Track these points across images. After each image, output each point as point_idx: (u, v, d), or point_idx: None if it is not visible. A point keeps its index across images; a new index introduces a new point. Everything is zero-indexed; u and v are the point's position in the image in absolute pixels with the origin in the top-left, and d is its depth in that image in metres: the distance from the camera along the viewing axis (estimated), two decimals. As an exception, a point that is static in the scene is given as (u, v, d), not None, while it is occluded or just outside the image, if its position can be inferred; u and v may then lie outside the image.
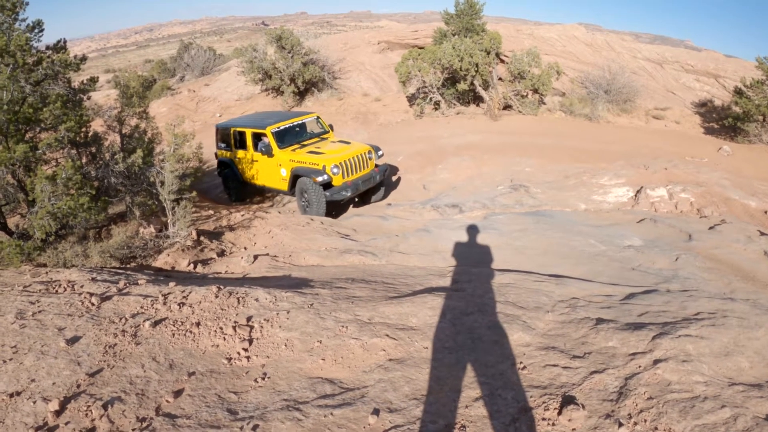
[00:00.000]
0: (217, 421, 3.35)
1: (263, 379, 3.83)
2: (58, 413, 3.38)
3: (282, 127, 12.81)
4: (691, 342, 4.01)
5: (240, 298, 5.12)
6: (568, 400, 3.37)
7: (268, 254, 8.15)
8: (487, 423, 3.27)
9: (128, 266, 7.61)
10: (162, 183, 8.56)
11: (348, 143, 13.02)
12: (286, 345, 4.28)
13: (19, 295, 5.26)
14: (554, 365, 3.87)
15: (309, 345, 4.27)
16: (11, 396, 3.54)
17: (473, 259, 7.81)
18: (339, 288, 5.72)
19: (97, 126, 9.23)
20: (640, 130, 19.10)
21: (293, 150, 12.41)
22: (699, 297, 5.31)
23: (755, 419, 3.15)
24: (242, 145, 13.41)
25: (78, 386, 3.67)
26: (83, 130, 8.43)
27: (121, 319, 4.68)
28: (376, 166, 12.95)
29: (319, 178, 11.34)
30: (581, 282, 6.06)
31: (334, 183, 11.76)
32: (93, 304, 4.99)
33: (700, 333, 4.18)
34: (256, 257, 7.87)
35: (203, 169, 14.01)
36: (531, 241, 8.48)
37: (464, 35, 23.05)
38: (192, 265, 7.70)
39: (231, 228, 9.73)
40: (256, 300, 5.11)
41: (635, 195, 11.61)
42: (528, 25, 35.43)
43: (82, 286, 5.61)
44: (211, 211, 11.00)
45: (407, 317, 4.73)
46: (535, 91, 20.69)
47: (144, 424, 3.32)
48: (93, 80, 8.79)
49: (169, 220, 8.68)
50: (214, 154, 14.56)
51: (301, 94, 25.48)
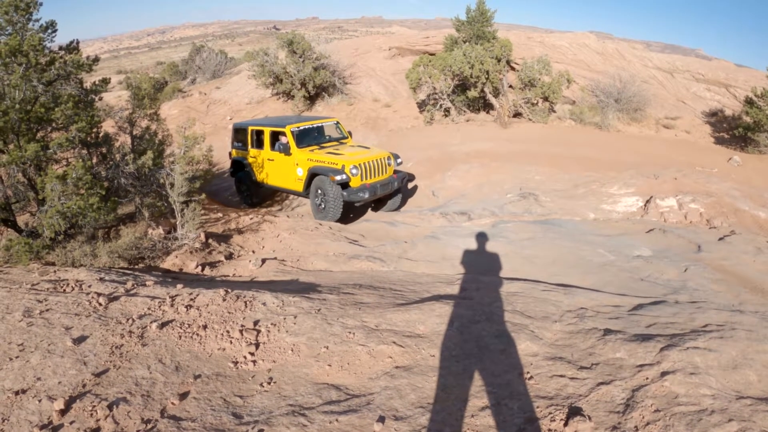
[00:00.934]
0: (222, 424, 3.35)
1: (269, 383, 3.83)
2: (63, 412, 3.38)
3: (301, 128, 12.73)
4: (699, 354, 3.99)
5: (247, 302, 5.12)
6: (574, 412, 3.36)
7: (276, 258, 8.16)
8: (493, 432, 3.26)
9: (136, 267, 7.63)
10: (171, 185, 8.59)
11: (368, 148, 12.88)
12: (292, 350, 4.28)
13: (27, 293, 5.28)
14: (561, 376, 3.85)
15: (316, 350, 4.26)
16: (17, 394, 3.56)
17: (481, 267, 7.79)
18: (346, 294, 5.71)
19: (108, 127, 9.27)
20: (650, 139, 19.05)
21: (311, 150, 12.26)
22: (707, 309, 5.28)
23: (763, 433, 3.13)
24: (259, 145, 13.29)
25: (84, 386, 3.68)
26: (94, 130, 8.45)
27: (128, 319, 4.69)
28: (395, 172, 12.69)
29: (338, 177, 11.09)
30: (589, 292, 6.04)
31: (351, 184, 11.47)
32: (100, 304, 5.01)
33: (709, 345, 4.15)
34: (264, 261, 7.88)
35: (213, 171, 14.00)
36: (539, 250, 8.46)
37: (475, 42, 23.02)
38: (200, 268, 7.71)
39: (239, 231, 9.75)
40: (264, 304, 5.11)
41: (645, 205, 11.57)
42: (539, 32, 35.38)
43: (89, 286, 5.63)
44: (219, 214, 11.03)
45: (414, 324, 4.72)
46: (546, 99, 20.69)
47: (149, 426, 3.32)
48: (105, 81, 8.83)
49: (177, 222, 8.71)
50: (228, 154, 14.54)
51: (312, 99, 25.52)
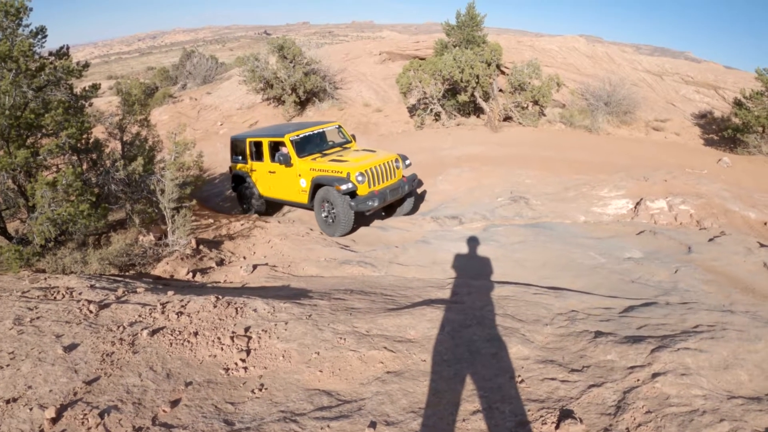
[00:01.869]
0: (214, 431, 3.34)
1: (260, 390, 3.82)
2: (54, 421, 3.36)
3: (301, 136, 12.07)
4: (690, 355, 4.00)
5: (238, 308, 5.11)
6: (566, 414, 3.36)
7: (267, 264, 8.16)
8: (484, 437, 3.26)
9: (127, 274, 7.61)
10: (162, 191, 8.58)
11: (373, 151, 12.21)
12: (283, 356, 4.27)
13: (17, 300, 5.25)
14: (552, 379, 3.86)
15: (307, 356, 4.26)
16: (8, 402, 3.53)
17: (472, 271, 7.80)
18: (337, 299, 5.71)
19: (98, 133, 9.26)
20: (640, 141, 19.15)
21: (313, 159, 11.59)
22: (698, 309, 5.30)
23: (754, 433, 3.15)
24: (258, 157, 12.67)
25: (75, 394, 3.66)
26: (84, 136, 8.45)
27: (119, 327, 4.67)
28: (404, 176, 12.06)
29: (343, 187, 10.35)
30: (580, 294, 6.06)
31: (359, 192, 10.75)
32: (91, 312, 4.99)
33: (700, 346, 4.17)
34: (255, 267, 7.87)
35: (204, 177, 13.97)
36: (530, 253, 8.48)
37: (465, 47, 23.08)
38: (191, 274, 7.70)
39: (230, 237, 9.74)
40: (255, 310, 5.10)
41: (635, 207, 11.61)
42: (529, 36, 35.55)
43: (80, 293, 5.61)
44: (210, 220, 11.00)
45: (406, 329, 4.72)
46: (536, 102, 20.77)
47: (140, 434, 3.31)
48: (95, 87, 8.83)
49: (168, 229, 8.70)
50: (229, 168, 14.02)
51: (302, 104, 25.51)
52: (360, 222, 11.46)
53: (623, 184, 12.44)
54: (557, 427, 3.26)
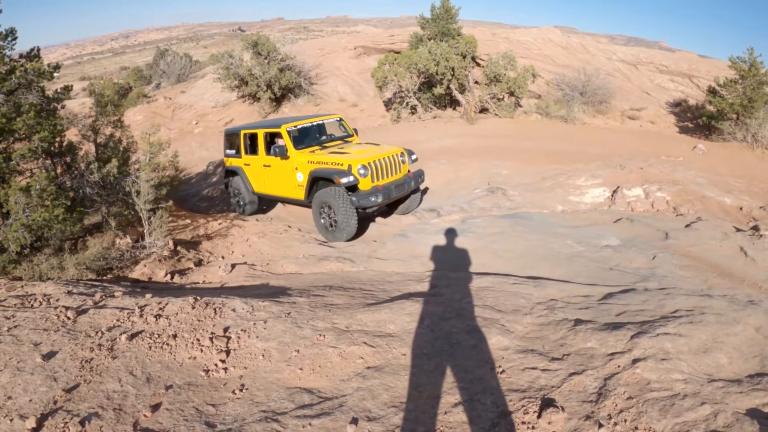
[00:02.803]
0: (195, 434, 3.30)
1: (241, 390, 3.78)
2: (35, 430, 3.32)
3: (299, 126, 11.25)
4: (669, 340, 4.03)
5: (217, 309, 5.06)
6: (547, 403, 3.36)
7: (245, 263, 8.09)
8: (466, 429, 3.26)
9: (105, 278, 7.51)
10: (138, 192, 8.47)
11: (377, 145, 11.23)
12: (263, 355, 4.23)
13: (-8, 309, 5.16)
14: (533, 368, 3.86)
15: (287, 355, 4.22)
16: (-13, 414, 3.47)
17: (451, 263, 7.80)
18: (316, 296, 5.68)
19: (71, 135, 9.11)
20: (616, 130, 19.28)
21: (312, 152, 10.68)
22: (677, 295, 5.35)
23: (735, 414, 3.18)
24: (253, 150, 11.92)
25: (55, 402, 3.61)
26: (58, 139, 8.30)
27: (97, 332, 4.61)
28: (410, 171, 11.14)
29: (344, 180, 9.45)
30: (559, 283, 6.08)
31: (360, 187, 9.78)
32: (69, 318, 4.91)
33: (679, 331, 4.21)
34: (233, 266, 7.81)
35: (180, 177, 13.81)
36: (509, 244, 8.49)
37: (440, 39, 23.10)
38: (169, 276, 7.62)
39: (208, 237, 9.65)
40: (233, 310, 5.05)
41: (612, 195, 11.68)
42: (504, 28, 35.68)
43: (57, 300, 5.53)
44: (188, 220, 10.89)
45: (385, 324, 4.70)
46: (511, 94, 20.84)
47: (121, 440, 3.26)
48: (67, 89, 8.67)
49: (145, 230, 8.60)
50: (222, 164, 13.43)
51: (278, 101, 25.38)
52: (364, 225, 10.61)
53: (600, 172, 12.51)
54: (539, 417, 3.26)
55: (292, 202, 11.53)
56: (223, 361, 4.17)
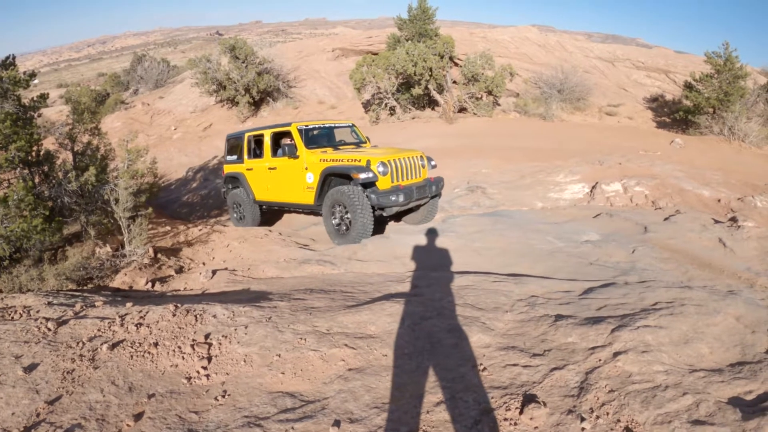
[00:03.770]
0: (177, 442, 3.27)
1: (223, 396, 3.74)
2: (18, 444, 3.26)
3: (310, 126, 10.52)
4: (650, 332, 4.05)
5: (198, 316, 5.01)
6: (529, 399, 3.36)
7: (226, 268, 8.04)
8: (449, 427, 3.24)
9: (85, 288, 7.43)
10: (116, 200, 8.38)
11: (394, 148, 10.57)
12: (245, 361, 4.20)
13: (-29, 323, 5.07)
14: (514, 365, 3.86)
15: (268, 359, 4.19)
16: (-31, 430, 3.41)
17: (432, 262, 7.79)
18: (297, 299, 5.65)
19: (49, 144, 9.00)
20: (594, 127, 19.45)
21: (324, 151, 9.98)
22: (657, 287, 5.39)
23: (717, 404, 3.19)
24: (258, 153, 11.31)
25: (38, 415, 3.55)
26: (35, 148, 8.19)
27: (78, 343, 4.54)
28: (431, 176, 10.40)
29: (362, 175, 8.76)
30: (540, 279, 6.09)
31: (379, 186, 9.12)
32: (50, 329, 4.84)
33: (659, 323, 4.23)
34: (214, 272, 7.75)
35: (159, 184, 13.70)
36: (489, 242, 8.49)
37: (418, 40, 23.19)
38: (150, 284, 7.54)
39: (189, 243, 9.57)
40: (214, 316, 5.00)
41: (591, 191, 11.76)
42: (482, 28, 35.87)
43: (38, 311, 5.44)
44: (168, 227, 10.80)
45: (366, 325, 4.68)
46: (490, 93, 20.96)
47: (103, 451, 3.22)
48: (43, 97, 8.56)
49: (125, 239, 8.51)
50: (222, 172, 12.68)
51: (257, 104, 25.35)
52: (377, 230, 9.82)
53: (578, 169, 12.60)
54: (521, 413, 3.25)
55: (299, 208, 10.71)
56: (205, 368, 4.12)
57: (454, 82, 22.02)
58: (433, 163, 10.33)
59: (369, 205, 8.95)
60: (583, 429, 3.10)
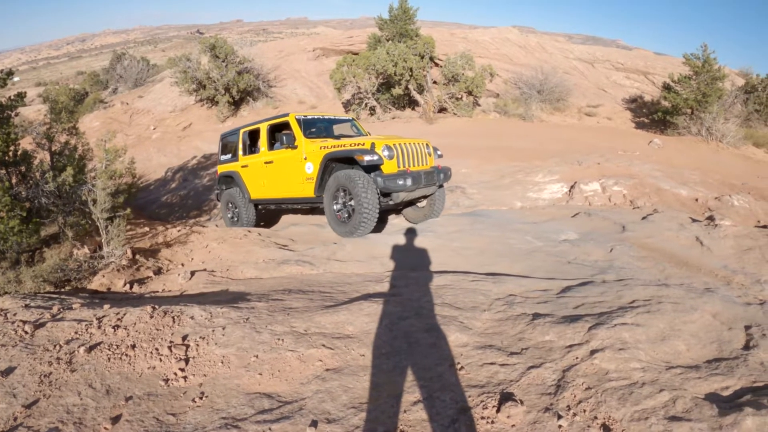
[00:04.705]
0: (154, 444, 3.24)
1: (201, 398, 3.72)
2: (-5, 449, 3.22)
3: (309, 117, 10.16)
4: (627, 330, 4.08)
5: (175, 317, 4.97)
6: (506, 397, 3.36)
7: (205, 270, 7.98)
8: (426, 426, 3.24)
9: (63, 290, 7.33)
10: (94, 201, 8.28)
11: (398, 136, 10.05)
12: (222, 362, 4.17)
13: (-54, 327, 4.99)
14: (492, 363, 3.86)
15: (246, 360, 4.17)
16: (-54, 436, 3.36)
17: (411, 262, 7.78)
18: (275, 300, 5.62)
19: (26, 144, 8.88)
20: (573, 127, 19.60)
21: (323, 140, 9.52)
22: (634, 285, 5.44)
23: (694, 400, 3.22)
24: (253, 149, 10.89)
25: (15, 419, 3.50)
26: (12, 148, 8.08)
27: (55, 346, 4.49)
28: (438, 164, 9.98)
29: (367, 157, 8.29)
30: (518, 279, 6.11)
31: (384, 169, 8.63)
32: (26, 332, 4.77)
33: (636, 320, 4.27)
34: (193, 273, 7.69)
35: (138, 184, 13.59)
36: (468, 242, 8.50)
37: (398, 40, 23.22)
38: (128, 286, 7.46)
39: (167, 244, 9.49)
40: (192, 318, 4.97)
41: (569, 190, 11.83)
42: (462, 28, 35.97)
43: (14, 314, 5.37)
44: (146, 228, 10.69)
45: (343, 325, 4.67)
46: (470, 93, 21.05)
47: (80, 454, 3.19)
48: (21, 96, 8.44)
49: (103, 240, 8.41)
50: (215, 172, 12.32)
51: (237, 104, 25.24)
52: (376, 229, 9.46)
53: (557, 169, 12.68)
54: (498, 411, 3.26)
55: (298, 203, 10.25)
56: (182, 370, 4.09)
57: (435, 82, 22.10)
58: (439, 152, 9.98)
59: (375, 190, 8.44)
60: (560, 426, 3.12)
